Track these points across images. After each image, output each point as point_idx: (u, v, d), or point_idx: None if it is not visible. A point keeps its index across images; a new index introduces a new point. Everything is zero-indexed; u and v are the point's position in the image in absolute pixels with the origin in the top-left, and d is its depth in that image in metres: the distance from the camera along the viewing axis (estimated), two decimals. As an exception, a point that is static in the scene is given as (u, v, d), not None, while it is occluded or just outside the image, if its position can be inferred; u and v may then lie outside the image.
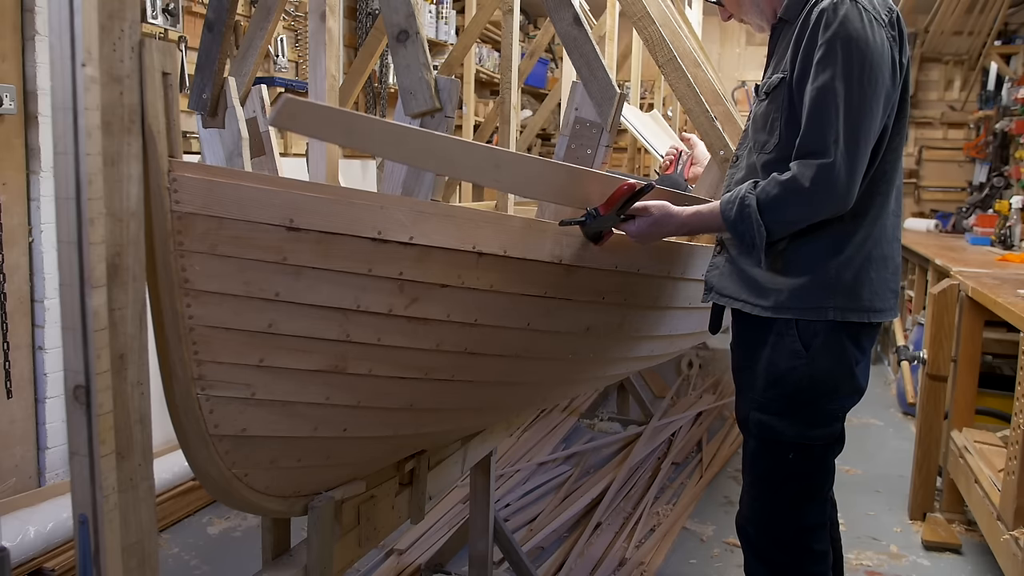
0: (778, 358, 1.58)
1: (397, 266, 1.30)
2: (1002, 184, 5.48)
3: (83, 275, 1.00)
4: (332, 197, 1.22)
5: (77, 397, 1.03)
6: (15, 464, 2.56)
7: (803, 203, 1.46)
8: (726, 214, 1.53)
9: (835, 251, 1.54)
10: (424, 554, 2.63)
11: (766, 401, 1.61)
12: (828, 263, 1.54)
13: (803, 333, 1.55)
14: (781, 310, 1.56)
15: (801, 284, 1.54)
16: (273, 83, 3.54)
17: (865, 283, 1.55)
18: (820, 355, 1.55)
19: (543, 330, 1.61)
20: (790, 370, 1.57)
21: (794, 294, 1.55)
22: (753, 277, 1.60)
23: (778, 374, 1.58)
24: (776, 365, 1.58)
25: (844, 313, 1.54)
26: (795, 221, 1.50)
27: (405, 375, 1.43)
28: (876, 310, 1.57)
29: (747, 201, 1.50)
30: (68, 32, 0.96)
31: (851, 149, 1.43)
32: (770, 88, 1.57)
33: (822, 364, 1.56)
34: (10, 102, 2.43)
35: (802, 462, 1.63)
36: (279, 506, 1.41)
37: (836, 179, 1.42)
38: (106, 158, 1.00)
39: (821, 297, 1.54)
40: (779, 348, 1.57)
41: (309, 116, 1.16)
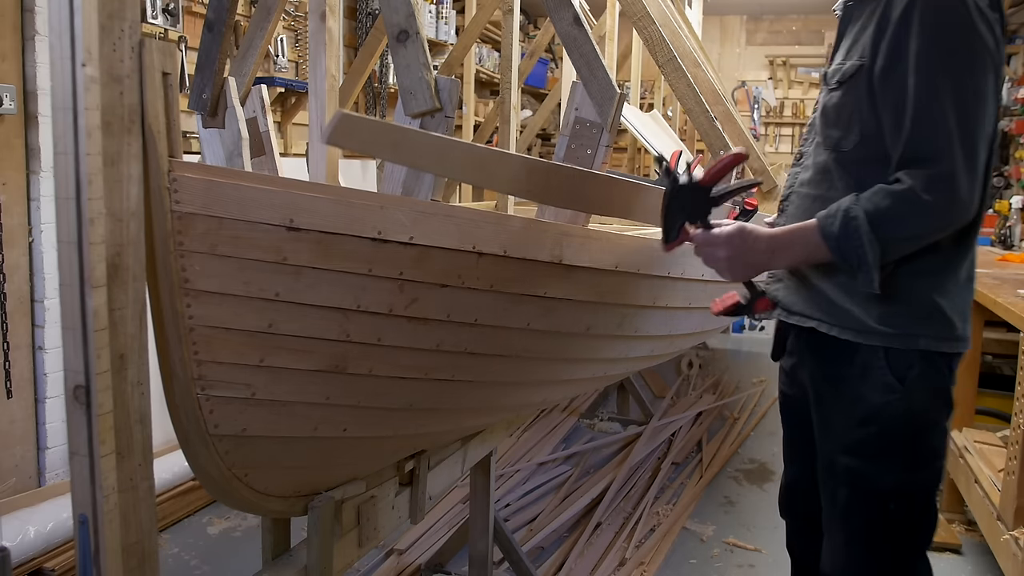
0: (869, 392, 1.36)
1: (397, 266, 1.30)
2: (1002, 184, 5.48)
3: (83, 275, 1.00)
4: (332, 197, 1.22)
5: (77, 397, 1.03)
6: (15, 464, 2.56)
7: (923, 218, 1.25)
8: (826, 228, 1.29)
9: (932, 271, 1.33)
10: (424, 554, 2.63)
11: (856, 443, 1.39)
12: (922, 284, 1.33)
13: (894, 363, 1.34)
14: (868, 335, 1.35)
15: (890, 307, 1.33)
16: (273, 83, 3.54)
17: (958, 309, 1.36)
18: (917, 387, 1.35)
19: (543, 330, 1.61)
20: (884, 406, 1.35)
21: (882, 317, 1.34)
22: (826, 293, 1.39)
23: (871, 411, 1.36)
24: (867, 400, 1.36)
25: (937, 343, 1.34)
26: (914, 237, 1.28)
27: (405, 375, 1.43)
28: (964, 338, 1.37)
29: (853, 213, 1.26)
30: (68, 32, 0.96)
31: (969, 154, 1.23)
32: (844, 77, 1.36)
33: (919, 397, 1.35)
34: (10, 102, 2.43)
35: (906, 512, 1.40)
36: (279, 506, 1.41)
37: (957, 190, 1.22)
38: (106, 158, 1.00)
39: (912, 323, 1.33)
40: (869, 380, 1.36)
41: (365, 132, 1.12)
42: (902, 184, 1.25)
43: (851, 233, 1.27)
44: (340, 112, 0.97)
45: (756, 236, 1.35)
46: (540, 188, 1.45)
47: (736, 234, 1.35)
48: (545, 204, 1.73)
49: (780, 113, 8.12)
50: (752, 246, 1.35)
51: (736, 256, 1.35)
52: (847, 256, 1.28)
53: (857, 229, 1.26)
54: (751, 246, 1.35)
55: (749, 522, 3.06)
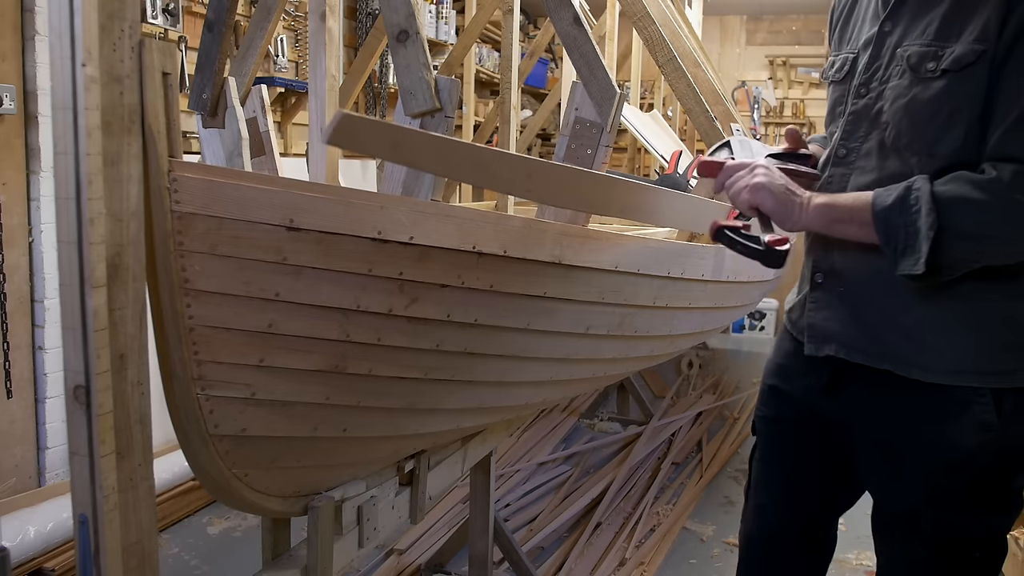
0: (959, 435, 1.20)
1: (397, 266, 1.30)
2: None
3: (83, 275, 1.00)
4: (332, 197, 1.22)
5: (77, 397, 1.03)
6: (15, 464, 2.56)
7: (1003, 217, 1.07)
8: (879, 198, 1.12)
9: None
10: (424, 554, 2.63)
11: (942, 493, 1.23)
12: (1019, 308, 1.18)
13: (996, 399, 1.19)
14: (963, 375, 1.18)
15: (986, 337, 1.18)
16: (273, 83, 3.54)
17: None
18: (1013, 423, 1.19)
19: (543, 330, 1.61)
20: (978, 448, 1.20)
21: (979, 352, 1.18)
22: (901, 328, 1.21)
23: (961, 456, 1.20)
24: (957, 444, 1.20)
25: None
26: (981, 238, 1.09)
27: (405, 375, 1.43)
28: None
29: (916, 186, 1.09)
30: (68, 32, 0.96)
31: None
32: (958, 64, 1.10)
33: (1015, 434, 1.20)
34: (10, 102, 2.43)
35: (990, 559, 1.27)
36: (279, 506, 1.41)
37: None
38: (106, 158, 1.00)
39: (1015, 356, 1.19)
40: (961, 421, 1.19)
41: (365, 132, 1.09)
42: (987, 174, 1.07)
43: (907, 207, 1.08)
44: (340, 112, 0.97)
45: (795, 194, 1.19)
46: (540, 188, 1.45)
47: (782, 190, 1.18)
48: (545, 204, 1.73)
49: (780, 113, 8.12)
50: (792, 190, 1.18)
51: (772, 185, 1.18)
52: (892, 234, 1.10)
53: (916, 203, 1.08)
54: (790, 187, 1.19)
55: (749, 522, 3.06)
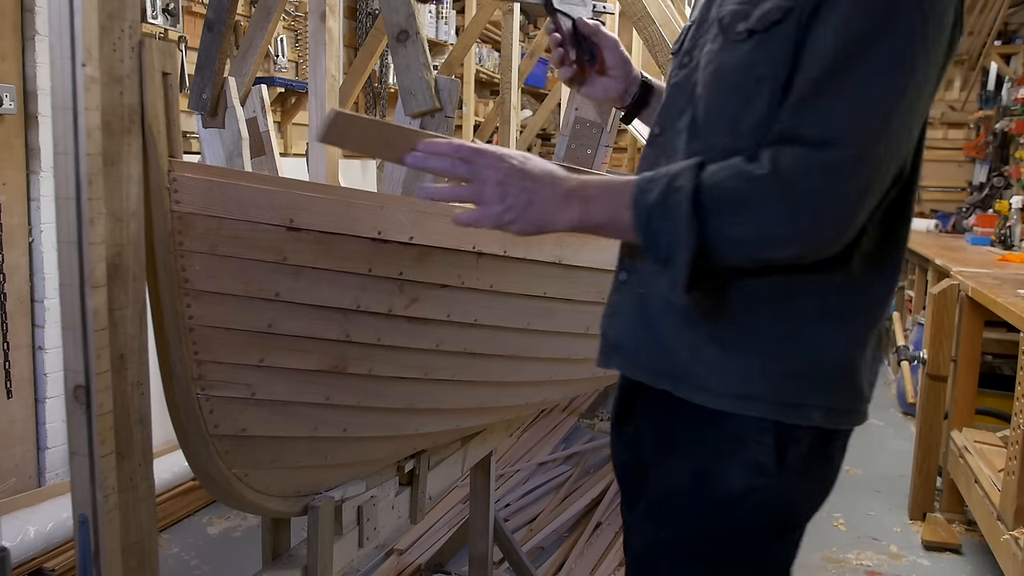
0: (726, 474, 0.98)
1: (397, 266, 1.30)
2: (1002, 184, 5.48)
3: (83, 275, 1.00)
4: (332, 197, 1.22)
5: (77, 397, 1.03)
6: (15, 464, 2.56)
7: (777, 218, 0.85)
8: (641, 194, 0.89)
9: (832, 314, 0.95)
10: (424, 554, 2.63)
11: (690, 540, 1.02)
12: (835, 333, 0.95)
13: (781, 438, 0.96)
14: (747, 402, 0.96)
15: (774, 362, 0.95)
16: (273, 83, 3.54)
17: (864, 369, 0.99)
18: (797, 471, 0.98)
19: (543, 330, 1.61)
20: (743, 495, 0.97)
21: (765, 377, 0.95)
22: (685, 343, 0.98)
23: (721, 500, 0.98)
24: (721, 485, 0.98)
25: (834, 417, 0.97)
26: (758, 243, 0.87)
27: (405, 375, 1.43)
28: (862, 411, 1.01)
29: (678, 184, 0.87)
30: (68, 32, 0.96)
31: (879, 148, 0.84)
32: (764, 23, 0.89)
33: (796, 485, 0.99)
34: (10, 102, 2.43)
35: None
36: (279, 506, 1.41)
37: (845, 193, 0.83)
38: (106, 158, 1.00)
39: (802, 388, 0.95)
40: (733, 459, 0.97)
41: (359, 130, 1.05)
42: (761, 165, 0.85)
43: (668, 211, 0.87)
44: (333, 110, 0.96)
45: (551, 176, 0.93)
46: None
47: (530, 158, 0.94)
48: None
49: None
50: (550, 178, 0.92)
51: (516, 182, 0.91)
52: (653, 242, 0.89)
53: (677, 208, 0.86)
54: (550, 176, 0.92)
55: (749, 522, 3.06)
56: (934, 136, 6.57)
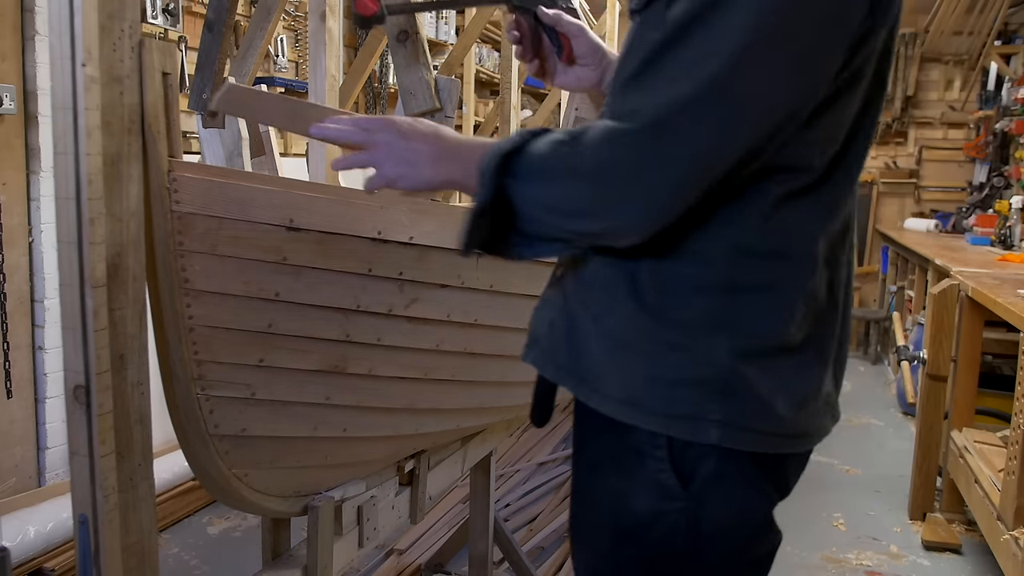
0: (633, 495, 0.88)
1: (397, 266, 1.30)
2: (1002, 184, 5.48)
3: (83, 275, 1.00)
4: (332, 197, 1.22)
5: (77, 397, 1.03)
6: (15, 464, 2.56)
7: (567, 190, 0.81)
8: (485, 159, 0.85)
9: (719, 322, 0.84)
10: (424, 554, 2.63)
11: (608, 567, 0.93)
12: (709, 340, 0.84)
13: (678, 456, 0.86)
14: (630, 409, 0.87)
15: (659, 367, 0.86)
16: (273, 83, 3.54)
17: (775, 389, 0.85)
18: (712, 496, 0.86)
19: (543, 330, 1.61)
20: (654, 520, 0.87)
21: (650, 382, 0.86)
22: (589, 339, 0.91)
23: (632, 524, 0.89)
24: (631, 507, 0.89)
25: (738, 436, 0.85)
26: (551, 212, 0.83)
27: (405, 375, 1.43)
28: (796, 434, 0.88)
29: (503, 147, 0.84)
30: (68, 32, 0.96)
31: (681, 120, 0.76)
32: (641, 2, 0.88)
33: (715, 511, 0.87)
34: (10, 102, 2.43)
35: None
36: (279, 506, 1.41)
37: (637, 167, 0.77)
38: (106, 158, 1.00)
39: (693, 399, 0.84)
40: (638, 477, 0.88)
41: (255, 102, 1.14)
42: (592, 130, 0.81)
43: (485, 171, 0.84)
44: (229, 83, 0.98)
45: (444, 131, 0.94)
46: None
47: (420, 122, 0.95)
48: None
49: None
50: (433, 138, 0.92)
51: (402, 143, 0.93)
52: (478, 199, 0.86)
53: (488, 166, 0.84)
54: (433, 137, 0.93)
55: (749, 522, 3.06)
56: (934, 136, 6.57)
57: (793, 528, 2.96)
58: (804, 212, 0.85)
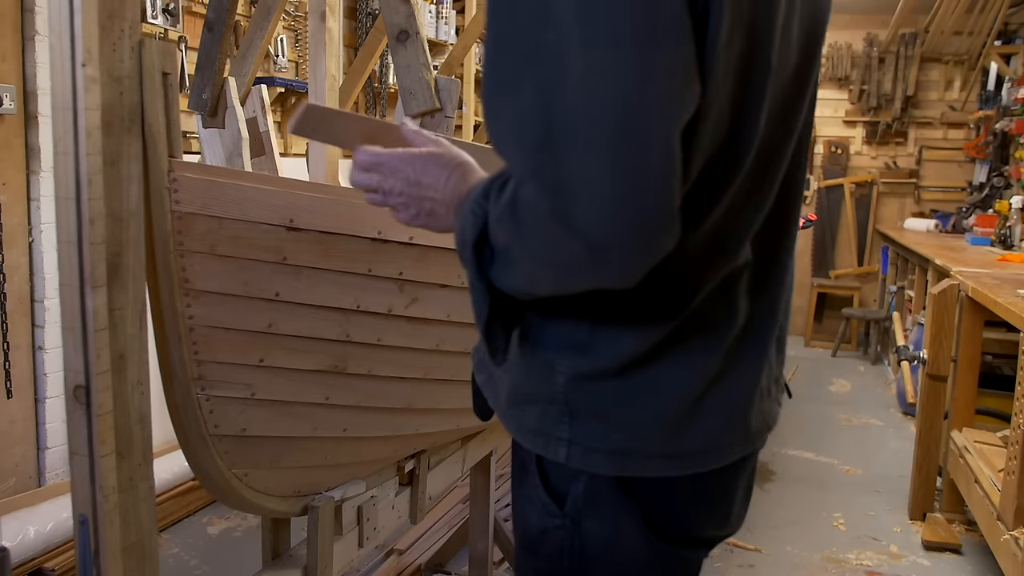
0: (526, 507, 0.88)
1: (397, 266, 1.30)
2: (1002, 184, 5.48)
3: (83, 275, 1.00)
4: (332, 197, 1.22)
5: (77, 397, 1.03)
6: (15, 464, 2.56)
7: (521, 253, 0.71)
8: (456, 213, 0.80)
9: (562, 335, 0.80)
10: (424, 554, 2.63)
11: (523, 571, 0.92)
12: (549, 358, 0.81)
13: (550, 474, 0.83)
14: (503, 418, 0.88)
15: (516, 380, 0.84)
16: (273, 83, 3.53)
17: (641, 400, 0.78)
18: (587, 516, 0.82)
19: (543, 330, 1.61)
20: (541, 535, 0.86)
21: (509, 394, 0.86)
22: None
23: (529, 537, 0.88)
24: (527, 519, 0.88)
25: (589, 458, 0.80)
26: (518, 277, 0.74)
27: (405, 375, 1.43)
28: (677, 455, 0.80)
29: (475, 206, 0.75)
30: (68, 32, 0.96)
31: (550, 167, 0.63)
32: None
33: (594, 532, 0.83)
34: (10, 102, 2.43)
35: None
36: (279, 506, 1.41)
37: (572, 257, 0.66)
38: (106, 158, 1.00)
39: (542, 416, 0.82)
40: (525, 489, 0.87)
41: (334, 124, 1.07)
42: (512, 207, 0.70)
43: (459, 221, 0.77)
44: (306, 104, 0.95)
45: (454, 173, 0.85)
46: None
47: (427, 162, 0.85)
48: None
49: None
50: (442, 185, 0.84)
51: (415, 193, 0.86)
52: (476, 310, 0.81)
53: (463, 221, 0.76)
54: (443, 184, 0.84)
55: (749, 522, 3.05)
56: (934, 136, 6.57)
57: (793, 528, 2.96)
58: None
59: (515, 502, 0.91)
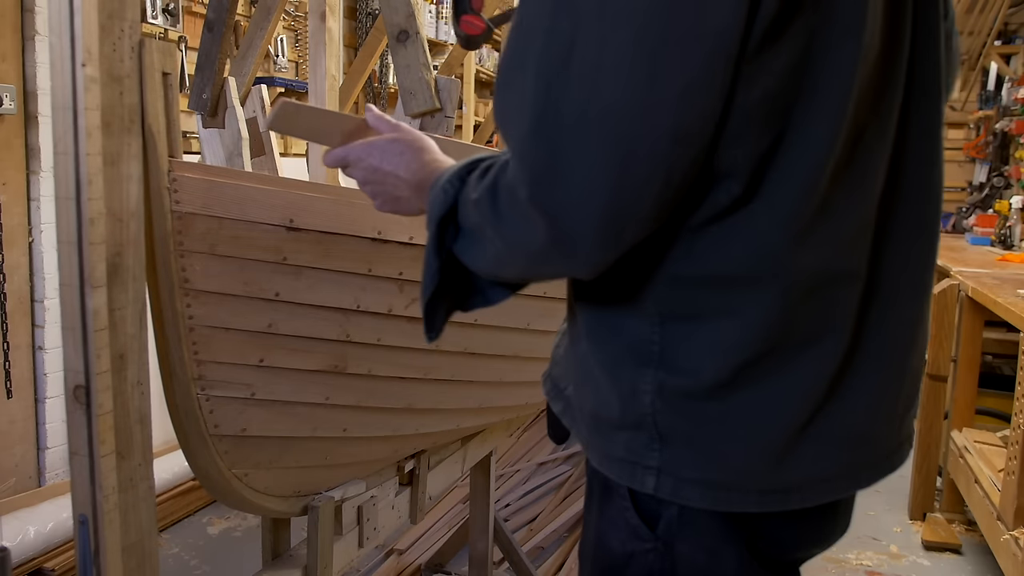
0: (609, 530, 0.82)
1: (397, 266, 1.30)
2: (1002, 184, 5.48)
3: (83, 275, 1.00)
4: (332, 197, 1.22)
5: (77, 397, 1.03)
6: (15, 464, 2.56)
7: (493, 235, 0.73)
8: (431, 190, 0.80)
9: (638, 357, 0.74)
10: (424, 554, 2.63)
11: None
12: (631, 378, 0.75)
13: (640, 496, 0.78)
14: (586, 447, 0.83)
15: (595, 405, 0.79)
16: (273, 83, 3.54)
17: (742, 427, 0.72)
18: (681, 540, 0.77)
19: (543, 330, 1.61)
20: (627, 560, 0.80)
21: (589, 420, 0.81)
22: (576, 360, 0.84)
23: (610, 561, 0.82)
24: (609, 543, 0.82)
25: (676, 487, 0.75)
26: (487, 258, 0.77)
27: (405, 375, 1.43)
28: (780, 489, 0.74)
29: (447, 185, 0.77)
30: (68, 32, 0.96)
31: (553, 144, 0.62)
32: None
33: (688, 556, 0.77)
34: (10, 102, 2.43)
35: None
36: (279, 506, 1.41)
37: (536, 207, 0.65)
38: (106, 158, 1.00)
39: (633, 442, 0.76)
40: (610, 513, 0.81)
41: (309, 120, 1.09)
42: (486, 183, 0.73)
43: (432, 200, 0.79)
44: (282, 101, 0.95)
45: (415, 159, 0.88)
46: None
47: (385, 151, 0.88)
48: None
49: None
50: (404, 172, 0.88)
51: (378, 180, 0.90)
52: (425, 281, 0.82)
53: (434, 199, 0.78)
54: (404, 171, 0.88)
55: (749, 522, 3.06)
56: (934, 136, 6.56)
57: (793, 528, 2.96)
58: (746, 226, 0.68)
59: (591, 524, 0.85)
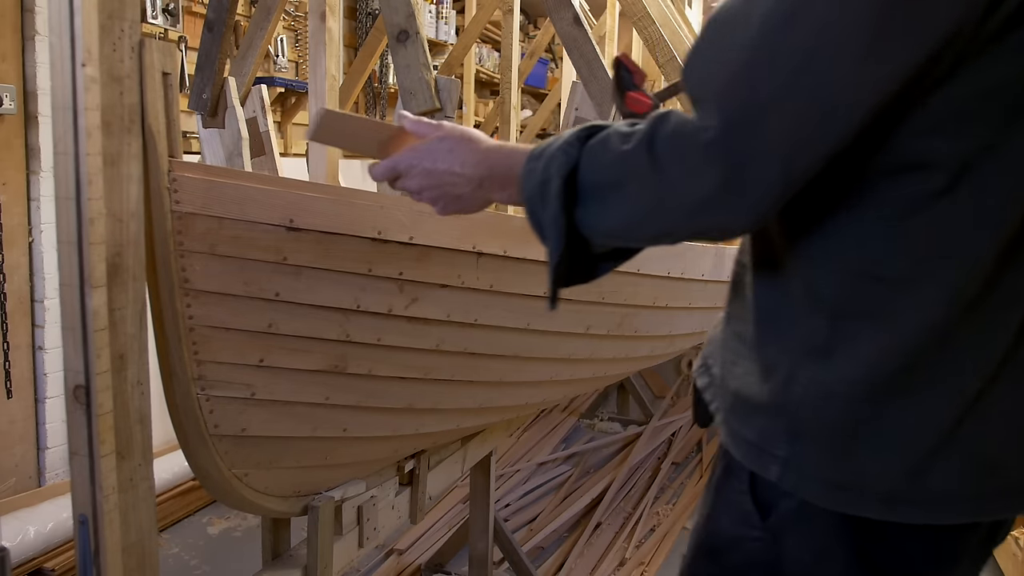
0: (722, 514, 0.83)
1: (397, 266, 1.30)
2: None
3: (83, 275, 1.00)
4: (332, 197, 1.22)
5: (77, 397, 1.03)
6: (15, 464, 2.56)
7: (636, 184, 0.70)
8: (525, 182, 0.79)
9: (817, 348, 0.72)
10: (424, 554, 2.63)
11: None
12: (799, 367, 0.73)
13: (759, 482, 0.77)
14: (720, 422, 0.84)
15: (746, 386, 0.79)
16: (273, 83, 3.53)
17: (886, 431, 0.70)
18: (791, 535, 0.76)
19: (543, 330, 1.61)
20: (733, 544, 0.80)
21: (733, 399, 0.81)
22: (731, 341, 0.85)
23: (715, 542, 0.83)
24: (715, 524, 0.83)
25: (804, 484, 0.73)
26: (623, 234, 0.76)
27: (405, 375, 1.43)
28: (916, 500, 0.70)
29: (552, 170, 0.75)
30: (68, 32, 0.96)
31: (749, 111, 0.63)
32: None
33: (796, 553, 0.76)
34: (10, 102, 2.43)
35: None
36: (279, 506, 1.41)
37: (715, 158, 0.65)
38: (106, 158, 1.00)
39: (768, 427, 0.75)
40: (725, 493, 0.82)
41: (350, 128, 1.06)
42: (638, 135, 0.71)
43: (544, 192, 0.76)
44: (323, 108, 0.95)
45: (468, 156, 0.86)
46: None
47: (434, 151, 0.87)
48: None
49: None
50: (459, 169, 0.86)
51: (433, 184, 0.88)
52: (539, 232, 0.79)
53: (547, 170, 0.75)
54: (459, 168, 0.86)
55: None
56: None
57: (793, 528, 2.96)
58: (937, 223, 0.66)
59: (708, 501, 0.85)
